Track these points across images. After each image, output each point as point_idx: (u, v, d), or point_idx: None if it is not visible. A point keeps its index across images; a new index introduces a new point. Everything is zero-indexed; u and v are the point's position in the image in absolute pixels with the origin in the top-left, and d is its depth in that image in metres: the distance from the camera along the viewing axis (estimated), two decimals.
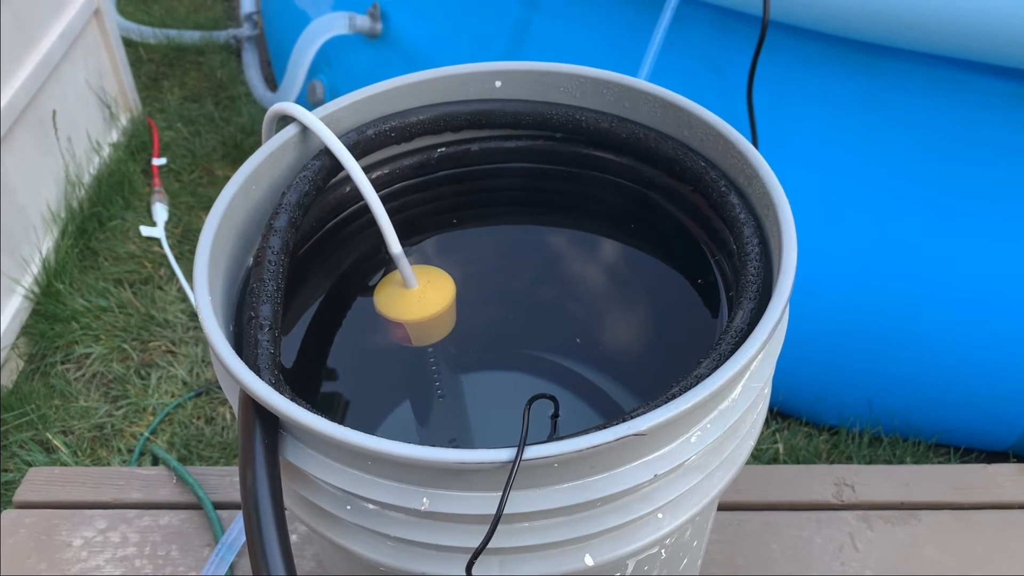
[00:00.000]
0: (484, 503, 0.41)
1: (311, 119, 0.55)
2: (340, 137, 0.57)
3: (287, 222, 0.52)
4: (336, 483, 0.43)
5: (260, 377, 0.44)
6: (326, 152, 0.56)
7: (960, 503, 0.82)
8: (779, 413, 1.46)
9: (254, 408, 0.43)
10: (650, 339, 0.60)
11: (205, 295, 0.47)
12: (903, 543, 0.79)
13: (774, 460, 1.37)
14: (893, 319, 1.28)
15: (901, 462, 1.36)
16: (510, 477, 0.39)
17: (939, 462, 1.38)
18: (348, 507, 0.45)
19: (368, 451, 0.40)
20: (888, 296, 1.27)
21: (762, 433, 1.42)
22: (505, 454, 0.39)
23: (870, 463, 1.37)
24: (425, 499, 0.42)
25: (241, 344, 0.49)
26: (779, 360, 0.52)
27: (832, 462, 1.38)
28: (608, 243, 0.65)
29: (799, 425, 1.44)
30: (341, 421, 0.45)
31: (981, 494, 0.83)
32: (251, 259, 0.55)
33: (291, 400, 0.43)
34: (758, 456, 1.38)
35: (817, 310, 1.29)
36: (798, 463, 1.36)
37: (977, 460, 1.39)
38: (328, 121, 0.58)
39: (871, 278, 1.27)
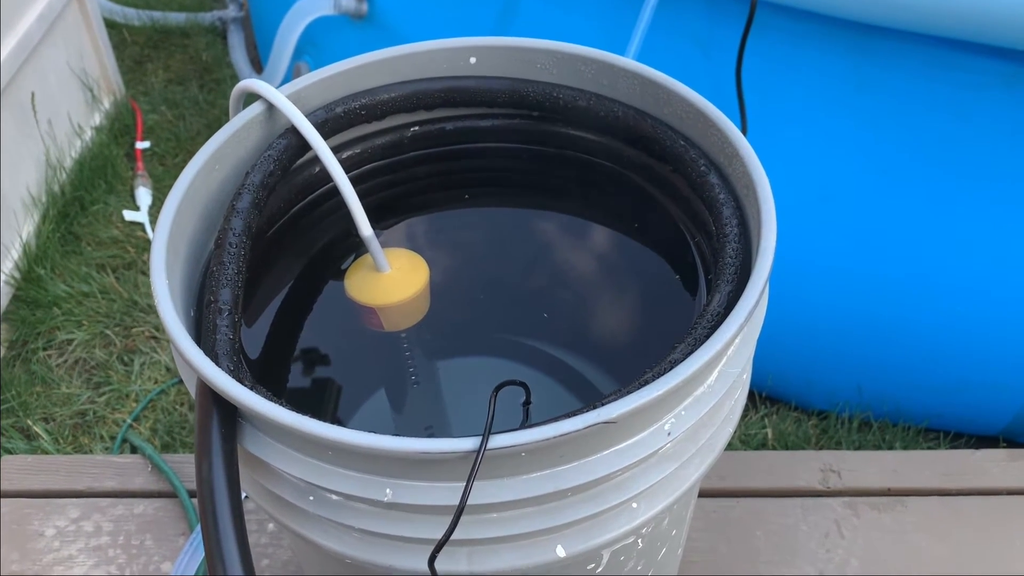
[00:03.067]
0: (449, 494, 0.39)
1: (276, 96, 0.54)
2: (308, 115, 0.55)
3: (250, 203, 0.50)
4: (297, 474, 0.41)
5: (217, 364, 0.42)
6: (293, 131, 0.54)
7: (947, 489, 0.81)
8: (768, 398, 1.45)
9: (211, 396, 0.41)
10: (631, 322, 0.59)
11: (162, 279, 0.45)
12: (890, 530, 0.78)
13: (763, 445, 1.36)
14: (884, 303, 1.26)
15: (890, 447, 1.35)
16: (474, 467, 0.37)
17: (928, 447, 1.37)
18: (311, 498, 0.43)
19: (328, 441, 0.38)
20: (879, 280, 1.25)
21: (750, 418, 1.41)
22: (469, 443, 0.37)
23: (859, 448, 1.36)
24: (388, 490, 0.40)
25: (201, 330, 0.48)
26: (768, 344, 0.50)
27: (821, 447, 1.37)
28: (587, 225, 0.63)
29: (788, 410, 1.43)
30: (314, 410, 0.43)
31: (969, 480, 0.82)
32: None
33: (251, 388, 0.42)
34: (747, 441, 1.37)
35: (807, 294, 1.28)
36: (787, 448, 1.35)
37: (967, 445, 1.38)
38: (295, 98, 0.56)
39: (862, 262, 1.25)
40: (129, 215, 1.81)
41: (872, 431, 1.38)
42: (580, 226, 0.63)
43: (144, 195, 1.84)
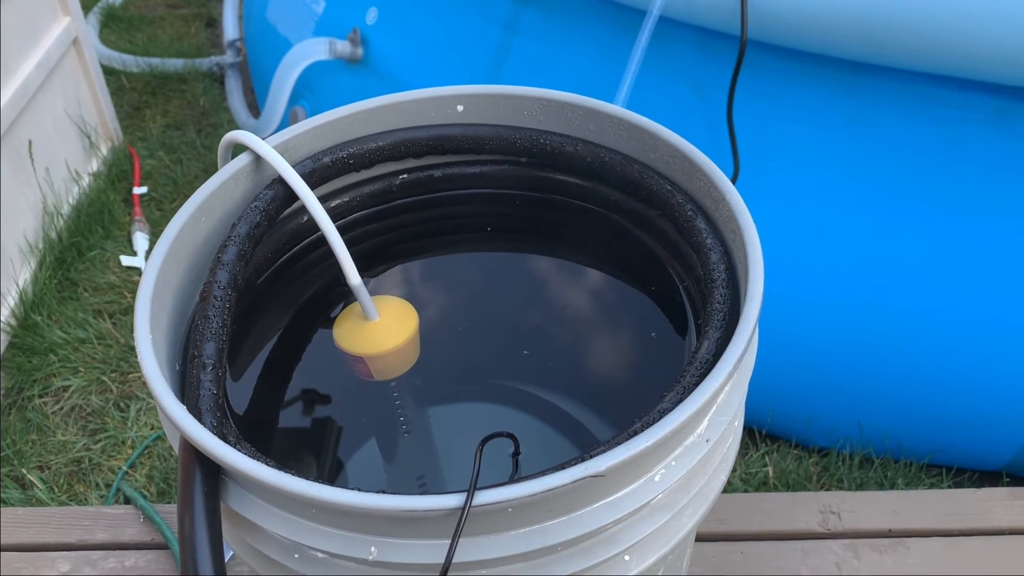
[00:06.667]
0: (435, 551, 0.39)
1: (263, 147, 0.54)
2: (295, 165, 0.55)
3: (236, 255, 0.50)
4: (281, 532, 0.41)
5: (200, 420, 0.42)
6: (280, 181, 0.54)
7: (949, 530, 0.80)
8: (768, 435, 1.43)
9: (194, 453, 0.41)
10: (622, 365, 0.58)
11: (145, 333, 0.44)
12: (891, 572, 0.77)
13: (763, 484, 1.35)
14: (882, 338, 1.26)
15: (892, 484, 1.34)
16: (459, 525, 0.36)
17: (931, 483, 1.35)
18: (296, 556, 0.43)
19: (310, 499, 0.37)
20: (877, 315, 1.25)
21: (751, 456, 1.39)
22: (454, 500, 0.37)
23: (861, 486, 1.35)
24: (373, 548, 0.39)
25: (185, 385, 0.47)
26: (767, 381, 0.49)
27: (822, 485, 1.35)
28: (577, 269, 0.63)
29: (789, 447, 1.41)
30: (303, 463, 0.43)
31: (971, 520, 0.80)
32: None
33: (234, 444, 0.41)
34: (747, 480, 1.35)
35: (806, 331, 1.28)
36: (788, 486, 1.33)
37: (970, 480, 1.37)
38: (283, 149, 0.56)
39: (859, 297, 1.25)
40: (126, 260, 1.81)
41: (874, 468, 1.36)
42: (569, 270, 0.62)
43: (141, 240, 1.84)
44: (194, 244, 0.52)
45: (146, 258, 1.82)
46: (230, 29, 2.41)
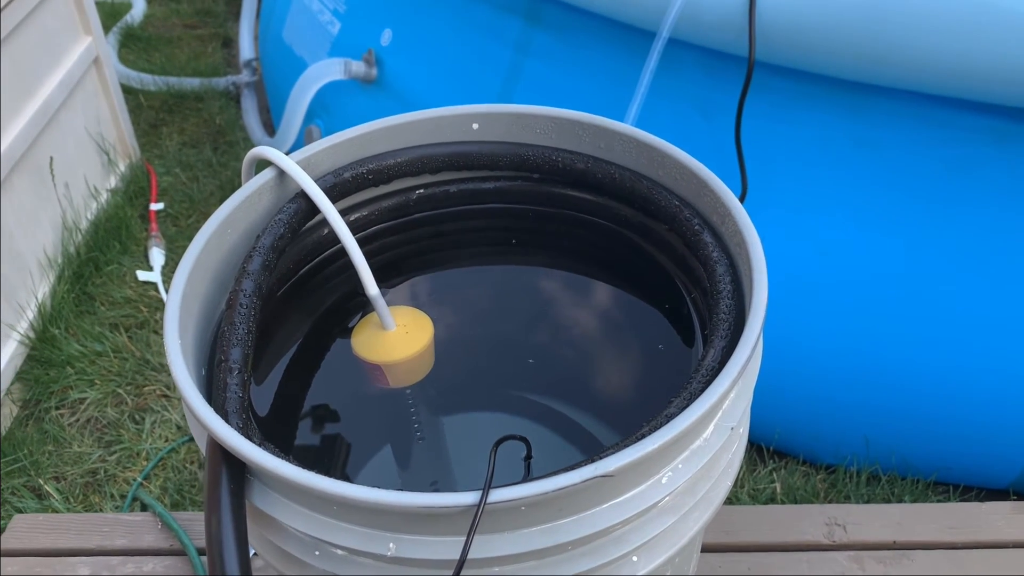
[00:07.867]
0: (451, 548, 0.40)
1: (287, 162, 0.56)
2: (317, 180, 0.57)
3: (260, 265, 0.52)
4: (303, 528, 0.43)
5: (227, 422, 0.44)
6: (302, 195, 0.56)
7: (953, 543, 0.81)
8: (776, 452, 1.44)
9: (221, 453, 0.43)
10: (631, 375, 0.60)
11: (175, 339, 0.47)
12: None
13: (771, 499, 1.36)
14: (889, 355, 1.27)
15: (900, 501, 1.34)
16: (474, 521, 0.38)
17: (938, 500, 1.36)
18: (316, 552, 0.44)
19: (332, 496, 0.39)
20: (883, 333, 1.26)
21: (759, 472, 1.40)
22: (469, 498, 0.38)
23: (868, 502, 1.35)
24: (392, 544, 0.41)
25: (212, 388, 0.49)
26: (775, 398, 0.51)
27: (830, 501, 1.36)
28: (588, 281, 0.65)
29: (796, 464, 1.42)
30: (321, 466, 0.44)
31: (975, 533, 0.81)
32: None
33: (259, 445, 0.43)
34: (755, 496, 1.36)
35: (813, 348, 1.29)
36: (796, 503, 1.34)
37: (977, 498, 1.37)
38: (305, 164, 0.58)
39: (866, 315, 1.26)
40: (143, 275, 1.84)
41: (881, 485, 1.37)
42: (580, 282, 0.64)
43: (157, 255, 1.87)
44: (220, 255, 0.54)
45: (162, 273, 1.85)
46: (246, 49, 2.45)
